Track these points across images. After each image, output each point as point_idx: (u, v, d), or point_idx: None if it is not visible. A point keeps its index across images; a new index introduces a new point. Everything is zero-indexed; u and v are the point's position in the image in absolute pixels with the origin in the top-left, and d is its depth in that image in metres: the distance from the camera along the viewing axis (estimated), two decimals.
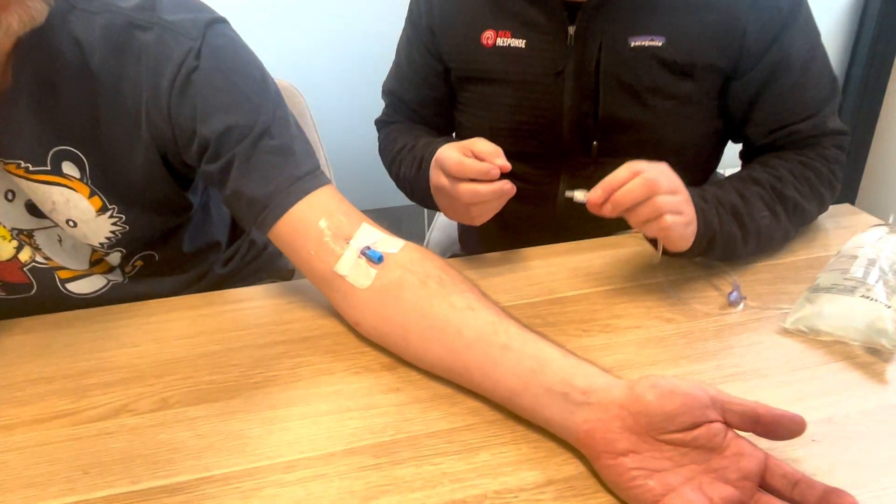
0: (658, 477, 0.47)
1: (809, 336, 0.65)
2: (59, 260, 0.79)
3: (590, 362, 0.54)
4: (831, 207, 0.91)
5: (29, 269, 0.76)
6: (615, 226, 0.86)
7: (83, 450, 0.55)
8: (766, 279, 0.75)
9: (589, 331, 0.67)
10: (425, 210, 2.22)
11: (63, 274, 0.78)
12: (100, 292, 0.83)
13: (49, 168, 0.69)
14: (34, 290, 0.77)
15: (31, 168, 0.68)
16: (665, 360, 0.63)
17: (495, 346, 0.56)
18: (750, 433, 0.48)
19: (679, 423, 0.47)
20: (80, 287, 0.80)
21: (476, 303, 0.60)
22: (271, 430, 0.56)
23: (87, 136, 0.69)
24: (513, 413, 0.56)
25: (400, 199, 0.97)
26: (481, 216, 0.76)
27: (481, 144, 0.72)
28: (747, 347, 0.64)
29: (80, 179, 0.71)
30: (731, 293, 0.72)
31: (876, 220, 0.86)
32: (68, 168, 0.70)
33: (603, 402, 0.50)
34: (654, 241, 0.74)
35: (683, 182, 0.69)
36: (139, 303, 0.75)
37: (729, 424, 0.48)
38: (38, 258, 0.76)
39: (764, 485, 0.47)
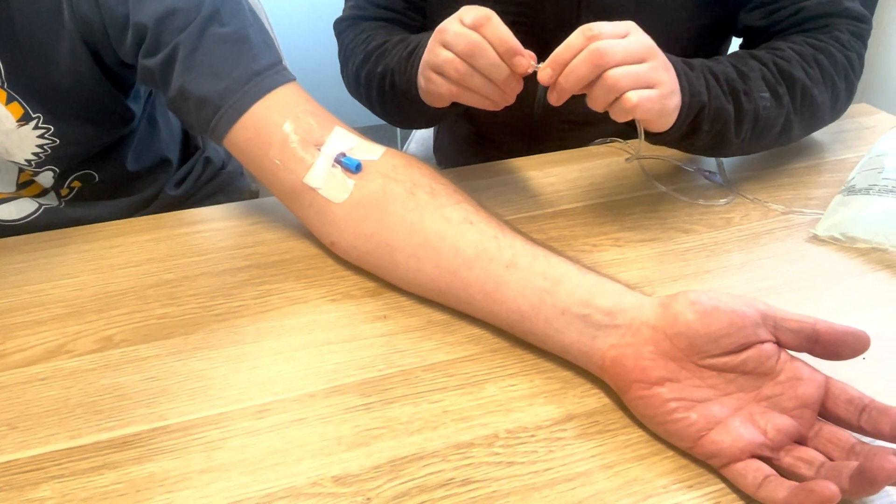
0: (700, 408, 0.40)
1: (844, 244, 0.58)
2: None
3: (612, 278, 0.46)
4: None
5: None
6: (597, 131, 0.76)
7: (9, 401, 0.46)
8: (789, 183, 0.68)
9: (599, 245, 0.59)
10: (397, 130, 2.10)
11: None
12: (29, 218, 0.72)
13: None
14: None
15: None
16: (688, 275, 0.55)
17: (499, 264, 0.48)
18: (804, 353, 0.40)
19: (725, 346, 0.40)
20: (4, 213, 0.69)
21: (474, 215, 0.51)
22: (238, 370, 0.48)
23: None
24: (519, 340, 0.48)
25: (370, 116, 0.85)
26: (441, 94, 0.60)
27: (503, 31, 0.55)
28: (776, 258, 0.57)
29: None
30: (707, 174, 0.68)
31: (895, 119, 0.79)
32: None
33: (632, 323, 0.43)
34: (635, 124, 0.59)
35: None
36: (75, 228, 0.64)
37: (782, 344, 0.41)
38: None
39: (825, 413, 0.40)
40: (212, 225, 0.65)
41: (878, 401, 0.38)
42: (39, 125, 0.63)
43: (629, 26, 0.53)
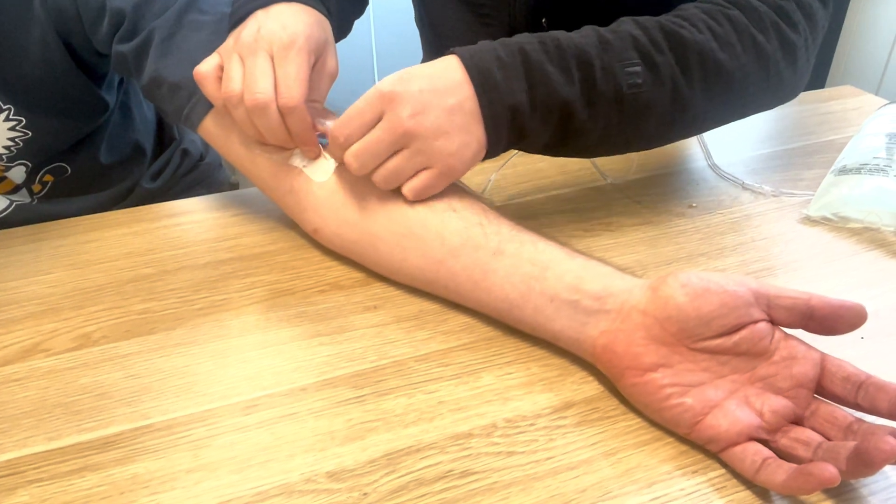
0: (695, 393, 0.39)
1: (836, 224, 0.58)
2: None
3: (601, 262, 0.45)
4: (830, 90, 0.84)
5: None
6: None
7: None
8: (779, 165, 0.67)
9: (591, 230, 0.58)
10: None
11: None
12: (0, 216, 0.69)
13: None
14: None
15: None
16: (682, 258, 0.55)
17: (485, 252, 0.46)
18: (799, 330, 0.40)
19: (717, 328, 0.39)
20: None
21: (457, 202, 0.50)
22: (224, 365, 0.46)
23: None
24: (514, 328, 0.47)
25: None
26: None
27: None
28: (770, 240, 0.57)
29: None
30: None
31: (881, 100, 0.79)
32: None
33: (622, 308, 0.42)
34: None
35: None
36: (49, 223, 0.62)
37: (776, 322, 0.40)
38: None
39: (822, 391, 0.39)
40: (192, 217, 0.62)
41: (875, 377, 0.38)
42: (10, 117, 0.61)
43: (379, 106, 0.46)
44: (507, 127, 0.48)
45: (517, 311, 0.45)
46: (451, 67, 0.48)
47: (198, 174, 0.85)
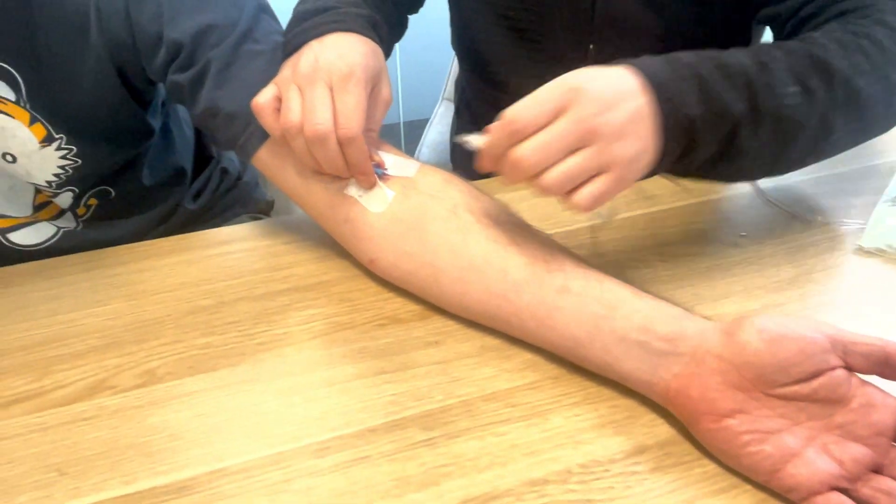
0: (774, 440, 0.39)
1: (892, 256, 0.57)
2: None
3: (669, 302, 0.45)
4: None
5: None
6: None
7: (55, 443, 0.44)
8: (826, 192, 0.67)
9: (645, 261, 0.58)
10: (401, 132, 2.07)
11: (2, 223, 0.65)
12: (49, 243, 0.69)
13: None
14: None
15: None
16: (739, 291, 0.54)
17: (550, 289, 0.46)
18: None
19: (795, 374, 0.39)
20: (24, 237, 0.67)
21: (520, 236, 0.50)
22: (292, 404, 0.46)
23: (21, 47, 0.55)
24: (578, 365, 0.47)
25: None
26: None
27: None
28: (826, 272, 0.56)
29: (16, 102, 0.57)
30: None
31: None
32: (0, 88, 0.56)
33: (696, 352, 0.41)
34: None
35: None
36: (101, 250, 0.62)
37: (852, 368, 0.40)
38: None
39: None
40: (242, 245, 0.62)
41: None
42: (62, 146, 0.61)
43: (563, 99, 0.44)
44: (681, 139, 0.47)
45: (583, 349, 0.45)
46: (624, 75, 0.46)
47: (236, 193, 0.85)
